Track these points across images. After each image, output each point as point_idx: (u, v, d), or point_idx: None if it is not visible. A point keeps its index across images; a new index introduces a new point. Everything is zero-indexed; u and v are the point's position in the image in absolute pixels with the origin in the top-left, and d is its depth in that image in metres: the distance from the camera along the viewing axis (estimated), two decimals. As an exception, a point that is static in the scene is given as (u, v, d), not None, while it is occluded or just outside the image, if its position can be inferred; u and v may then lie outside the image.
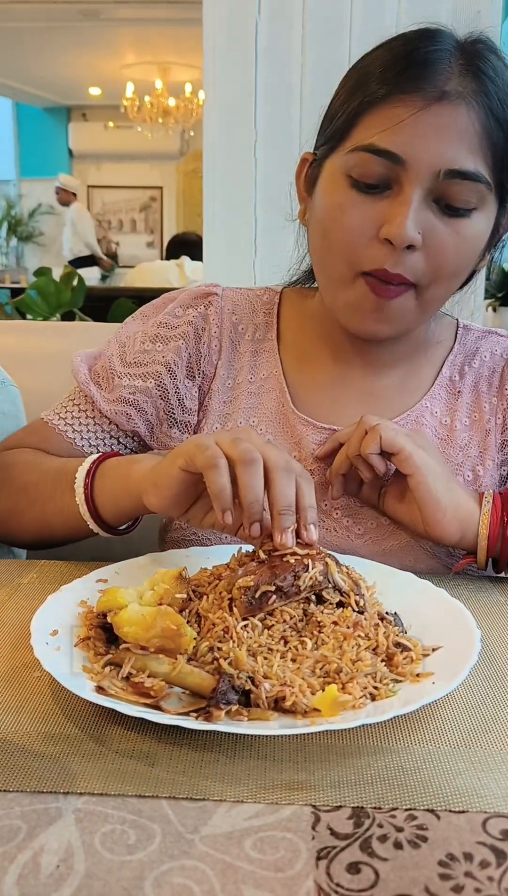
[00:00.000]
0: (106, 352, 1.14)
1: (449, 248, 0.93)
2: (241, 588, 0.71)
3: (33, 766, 0.60)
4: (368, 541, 1.03)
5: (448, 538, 0.95)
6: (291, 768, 0.61)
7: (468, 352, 1.13)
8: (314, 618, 0.74)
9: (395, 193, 0.92)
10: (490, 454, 1.08)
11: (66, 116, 11.43)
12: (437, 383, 1.10)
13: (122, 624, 0.71)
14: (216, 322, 1.11)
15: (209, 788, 0.58)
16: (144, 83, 8.64)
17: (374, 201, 0.92)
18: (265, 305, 1.15)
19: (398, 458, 0.94)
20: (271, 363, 1.11)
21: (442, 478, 0.95)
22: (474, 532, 0.95)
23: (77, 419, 1.11)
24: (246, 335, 1.12)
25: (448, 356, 1.12)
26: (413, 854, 0.52)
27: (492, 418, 1.09)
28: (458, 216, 0.92)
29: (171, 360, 1.09)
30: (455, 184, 0.90)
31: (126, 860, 0.51)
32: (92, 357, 1.14)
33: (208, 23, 2.05)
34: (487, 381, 1.11)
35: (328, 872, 0.50)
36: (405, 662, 0.72)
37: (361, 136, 0.92)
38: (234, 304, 1.14)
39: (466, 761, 0.62)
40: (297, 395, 1.09)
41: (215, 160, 2.10)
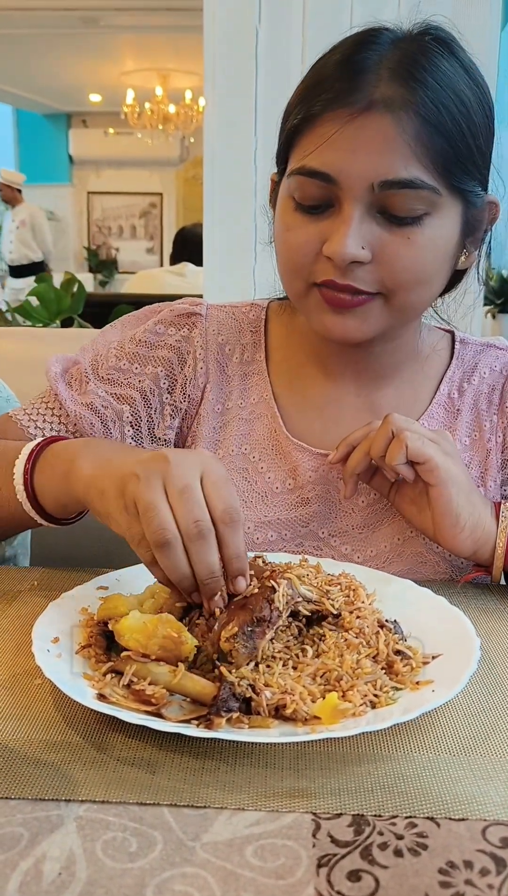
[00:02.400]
0: (81, 358, 1.10)
1: (404, 257, 0.90)
2: (229, 639, 0.69)
3: (35, 773, 0.60)
4: (370, 567, 1.02)
5: (461, 552, 0.94)
6: (291, 776, 0.61)
7: (466, 367, 1.10)
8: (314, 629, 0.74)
9: (336, 211, 0.90)
10: (491, 474, 1.06)
11: (66, 123, 11.46)
12: (435, 401, 1.07)
13: (123, 632, 0.71)
14: (201, 344, 1.08)
15: (210, 796, 0.58)
16: (145, 90, 8.66)
17: (317, 220, 0.91)
18: (252, 324, 1.11)
19: (424, 468, 0.91)
20: (261, 386, 1.08)
21: (465, 490, 0.93)
22: (488, 548, 0.94)
23: (42, 416, 1.06)
24: (234, 357, 1.09)
25: (445, 372, 1.09)
26: (414, 862, 0.52)
27: (493, 437, 1.07)
28: (407, 224, 0.89)
29: (147, 388, 1.06)
30: (394, 194, 0.87)
31: (128, 867, 0.51)
32: (69, 360, 1.10)
33: (209, 30, 2.06)
34: (487, 398, 1.08)
35: (328, 880, 0.50)
36: (405, 670, 0.72)
37: (297, 158, 0.91)
38: (219, 325, 1.10)
39: (466, 769, 0.62)
40: (289, 416, 1.06)
41: (215, 167, 2.11)
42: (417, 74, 0.87)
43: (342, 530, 1.04)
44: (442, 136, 0.87)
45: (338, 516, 1.04)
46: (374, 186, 0.87)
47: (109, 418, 1.06)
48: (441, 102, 0.87)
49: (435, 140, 0.87)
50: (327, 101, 0.88)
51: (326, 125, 0.88)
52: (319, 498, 1.04)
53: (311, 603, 0.75)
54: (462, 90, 0.89)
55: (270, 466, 1.05)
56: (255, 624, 0.70)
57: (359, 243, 0.89)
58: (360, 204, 0.88)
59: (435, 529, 0.93)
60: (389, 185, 0.87)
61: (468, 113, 0.89)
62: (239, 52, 2.05)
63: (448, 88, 0.88)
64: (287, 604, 0.73)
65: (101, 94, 10.08)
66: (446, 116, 0.87)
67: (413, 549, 1.03)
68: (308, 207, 0.91)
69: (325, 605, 0.75)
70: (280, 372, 1.09)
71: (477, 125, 0.90)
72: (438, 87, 0.87)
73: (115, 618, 0.74)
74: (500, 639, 0.84)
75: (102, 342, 1.11)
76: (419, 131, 0.86)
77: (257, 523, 1.04)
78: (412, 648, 0.75)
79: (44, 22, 6.89)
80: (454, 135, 0.88)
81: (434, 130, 0.87)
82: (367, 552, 1.03)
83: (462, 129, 0.88)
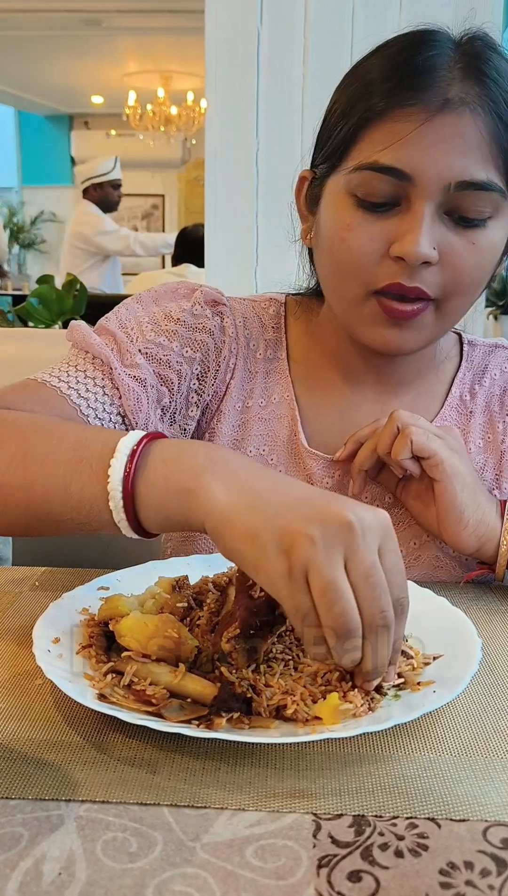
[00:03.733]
0: (109, 325, 1.00)
1: (467, 260, 0.89)
2: (230, 641, 0.68)
3: (35, 773, 0.60)
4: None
5: (465, 549, 0.94)
6: (292, 776, 0.61)
7: (476, 369, 1.09)
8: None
9: (404, 210, 0.88)
10: (506, 476, 1.05)
11: (68, 124, 11.45)
12: (447, 404, 1.07)
13: (123, 632, 0.71)
14: (234, 336, 1.04)
15: (211, 796, 0.58)
16: (146, 91, 8.66)
17: (382, 219, 0.89)
18: (273, 319, 1.08)
19: (429, 462, 0.91)
20: (283, 386, 1.05)
21: (470, 487, 0.93)
22: (492, 545, 0.93)
23: (84, 385, 0.94)
24: (257, 353, 1.06)
25: (456, 374, 1.09)
26: (414, 862, 0.52)
27: (506, 439, 1.06)
28: (473, 227, 0.88)
29: (184, 371, 1.00)
30: (468, 195, 0.86)
31: (128, 868, 0.51)
32: (96, 328, 1.00)
33: (210, 32, 2.06)
34: (499, 400, 1.08)
35: (329, 880, 0.50)
36: (405, 669, 0.72)
37: (363, 153, 0.88)
38: (244, 318, 1.07)
39: (467, 770, 0.62)
40: (307, 420, 1.04)
41: (216, 168, 2.11)
42: (490, 73, 0.87)
43: None
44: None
45: None
46: (450, 186, 0.86)
47: (152, 398, 0.97)
48: (506, 100, 0.87)
49: (505, 140, 0.87)
50: (396, 97, 0.86)
51: (399, 122, 0.86)
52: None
53: None
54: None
55: (287, 471, 1.03)
56: (258, 627, 0.69)
57: (431, 244, 0.87)
58: (433, 204, 0.87)
59: (439, 525, 0.93)
60: (465, 185, 0.86)
61: None
62: (241, 54, 2.05)
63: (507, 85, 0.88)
64: None
65: (103, 96, 10.08)
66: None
67: (430, 554, 1.03)
68: (373, 205, 0.89)
69: None
70: (300, 372, 1.07)
71: None
72: (504, 85, 0.87)
73: (116, 618, 0.74)
74: (502, 640, 0.84)
75: (126, 315, 1.01)
76: (492, 130, 0.86)
77: None
78: (414, 649, 0.75)
79: (46, 24, 6.89)
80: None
81: (505, 129, 0.86)
82: None
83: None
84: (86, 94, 10.06)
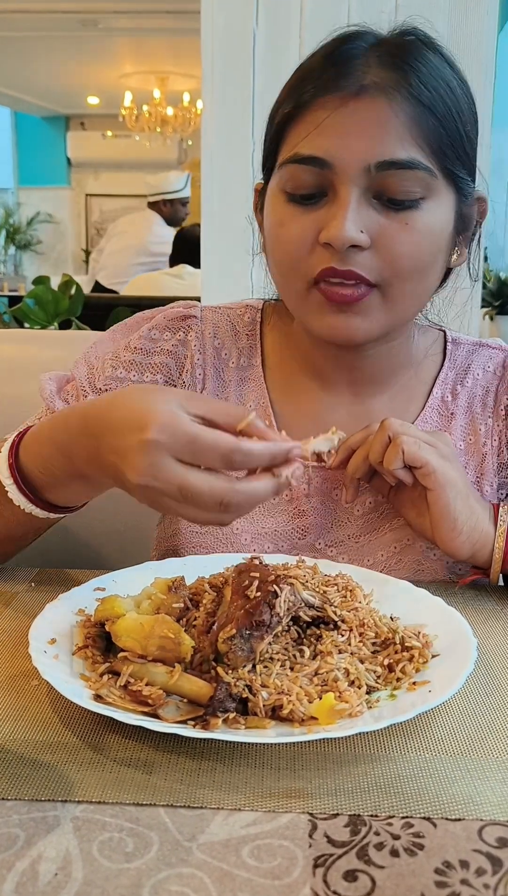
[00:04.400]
0: (76, 373, 1.07)
1: (403, 242, 0.89)
2: (226, 641, 0.69)
3: (31, 774, 0.60)
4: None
5: (459, 556, 0.94)
6: (288, 776, 0.61)
7: (459, 368, 1.08)
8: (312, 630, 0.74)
9: (331, 198, 0.89)
10: (487, 479, 1.04)
11: (64, 125, 11.45)
12: (429, 405, 1.06)
13: (120, 633, 0.71)
14: (199, 349, 1.06)
15: (207, 796, 0.58)
16: (143, 92, 8.66)
17: (312, 211, 0.90)
18: (247, 326, 1.09)
19: (422, 472, 0.91)
20: (258, 392, 1.06)
21: (462, 494, 0.92)
22: (486, 551, 0.93)
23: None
24: (230, 361, 1.07)
25: (438, 374, 1.07)
26: (410, 862, 0.52)
27: (488, 441, 1.05)
28: (405, 209, 0.88)
29: None
30: (391, 175, 0.87)
31: (124, 868, 0.51)
32: (62, 378, 1.08)
33: (207, 33, 2.06)
34: (481, 401, 1.07)
35: (324, 880, 0.50)
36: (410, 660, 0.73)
37: (288, 148, 0.91)
38: (215, 328, 1.08)
39: (462, 769, 0.62)
40: (284, 424, 1.04)
41: (212, 169, 2.11)
42: (406, 59, 0.88)
43: (339, 540, 1.03)
44: (435, 118, 0.88)
45: (334, 527, 1.03)
46: (371, 168, 0.86)
47: None
48: (432, 85, 0.88)
49: (429, 121, 0.87)
50: (315, 89, 0.89)
51: (317, 112, 0.88)
52: (314, 510, 1.03)
53: (313, 609, 0.75)
54: (449, 79, 0.90)
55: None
56: (254, 628, 0.69)
57: (357, 227, 0.87)
58: (356, 187, 0.87)
59: (433, 532, 0.93)
60: (386, 165, 0.86)
61: (455, 99, 0.90)
62: (237, 56, 2.05)
63: (436, 74, 0.89)
64: (289, 609, 0.72)
65: (99, 97, 10.08)
66: (436, 98, 0.88)
67: (411, 558, 1.03)
68: (301, 197, 0.90)
69: (327, 611, 0.75)
70: (276, 377, 1.07)
71: (465, 112, 0.91)
72: (427, 72, 0.88)
73: (112, 619, 0.74)
74: (498, 640, 0.84)
75: (94, 354, 1.08)
76: (412, 111, 0.87)
77: (254, 535, 1.03)
78: (423, 637, 0.76)
79: (42, 24, 6.89)
80: (446, 117, 0.88)
81: (428, 111, 0.87)
82: (364, 562, 1.01)
83: (453, 113, 0.89)
84: (82, 95, 10.06)
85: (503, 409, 1.06)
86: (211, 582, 0.82)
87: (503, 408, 1.06)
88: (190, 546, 1.04)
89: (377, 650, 0.75)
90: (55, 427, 0.83)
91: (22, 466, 0.86)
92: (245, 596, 0.72)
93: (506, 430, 1.05)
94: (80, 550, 1.10)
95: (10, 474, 0.86)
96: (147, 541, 1.14)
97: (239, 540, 1.02)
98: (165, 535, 1.10)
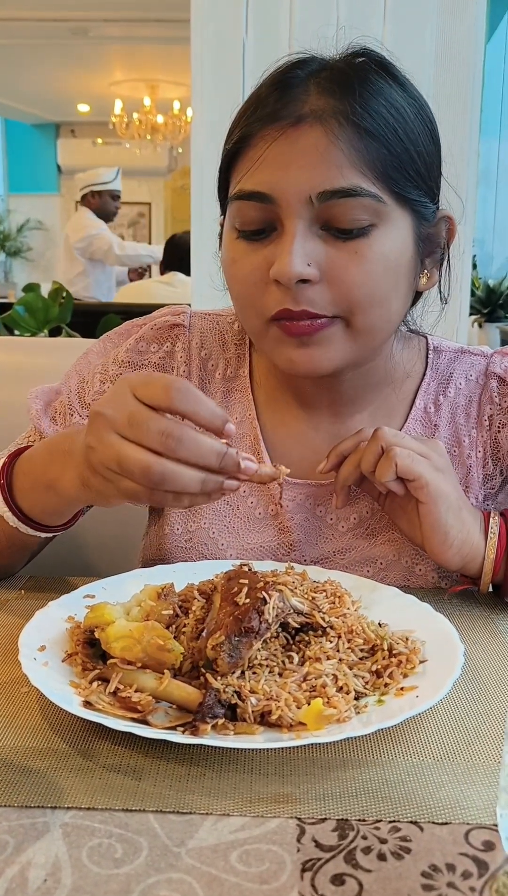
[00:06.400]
0: (66, 387, 1.07)
1: (354, 272, 0.86)
2: (215, 647, 0.69)
3: (21, 781, 0.60)
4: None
5: (449, 567, 0.93)
6: (276, 781, 0.61)
7: (441, 378, 1.05)
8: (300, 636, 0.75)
9: (279, 233, 0.87)
10: (472, 491, 1.03)
11: (54, 132, 11.47)
12: (411, 416, 1.03)
13: (109, 639, 0.71)
14: (184, 360, 1.06)
15: (196, 802, 0.58)
16: (133, 100, 8.68)
17: (262, 247, 0.88)
18: (236, 336, 1.08)
19: (414, 485, 0.89)
20: (245, 404, 1.05)
21: (454, 507, 0.91)
22: (477, 563, 0.93)
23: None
24: (216, 373, 1.06)
25: (420, 384, 1.05)
26: (397, 865, 0.52)
27: (472, 453, 1.03)
28: (354, 237, 0.85)
29: None
30: (335, 204, 0.84)
31: (113, 874, 0.51)
32: (52, 392, 1.08)
33: (196, 41, 2.07)
34: (464, 411, 1.04)
35: (312, 884, 0.51)
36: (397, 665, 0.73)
37: (234, 184, 0.89)
38: (202, 337, 1.07)
39: (449, 774, 0.62)
40: (269, 439, 1.04)
41: (202, 177, 2.12)
42: (346, 85, 0.86)
43: (324, 556, 1.03)
44: (378, 141, 0.85)
45: (319, 543, 1.03)
46: (313, 199, 0.84)
47: None
48: (373, 109, 0.85)
49: (371, 145, 0.85)
50: (257, 120, 0.87)
51: (258, 146, 0.86)
52: (298, 526, 1.02)
53: (301, 616, 0.75)
54: (397, 100, 0.87)
55: (251, 490, 1.03)
56: (243, 634, 0.70)
57: (304, 261, 0.85)
58: (301, 220, 0.85)
59: (424, 543, 0.92)
60: (328, 195, 0.84)
61: (404, 120, 0.87)
62: (226, 64, 2.06)
63: (379, 96, 0.86)
64: (277, 616, 0.73)
65: (89, 105, 10.10)
66: (380, 122, 0.85)
67: (397, 573, 1.02)
68: (251, 234, 0.89)
69: (316, 617, 0.75)
70: (261, 394, 1.06)
71: (417, 133, 0.88)
72: (368, 95, 0.86)
73: (101, 626, 0.74)
74: (484, 645, 0.85)
75: (85, 365, 1.09)
76: (352, 138, 0.84)
77: (240, 550, 1.03)
78: (411, 643, 0.76)
79: (33, 32, 6.90)
80: (390, 139, 0.86)
81: (369, 136, 0.85)
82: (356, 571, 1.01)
83: (399, 135, 0.86)
84: (72, 103, 10.08)
85: (486, 420, 1.04)
86: (200, 588, 0.82)
87: (486, 418, 1.04)
88: (174, 561, 1.04)
89: (365, 656, 0.75)
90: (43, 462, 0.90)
91: (14, 488, 0.92)
92: (234, 602, 0.72)
93: (490, 440, 1.03)
94: (69, 558, 1.10)
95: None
96: (136, 551, 1.14)
97: (224, 555, 1.02)
98: (150, 549, 1.09)
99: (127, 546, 1.16)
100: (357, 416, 1.04)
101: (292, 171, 0.85)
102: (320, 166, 0.84)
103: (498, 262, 6.51)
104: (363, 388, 1.02)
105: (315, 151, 0.84)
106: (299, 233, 0.85)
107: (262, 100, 0.88)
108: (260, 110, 0.87)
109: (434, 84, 1.98)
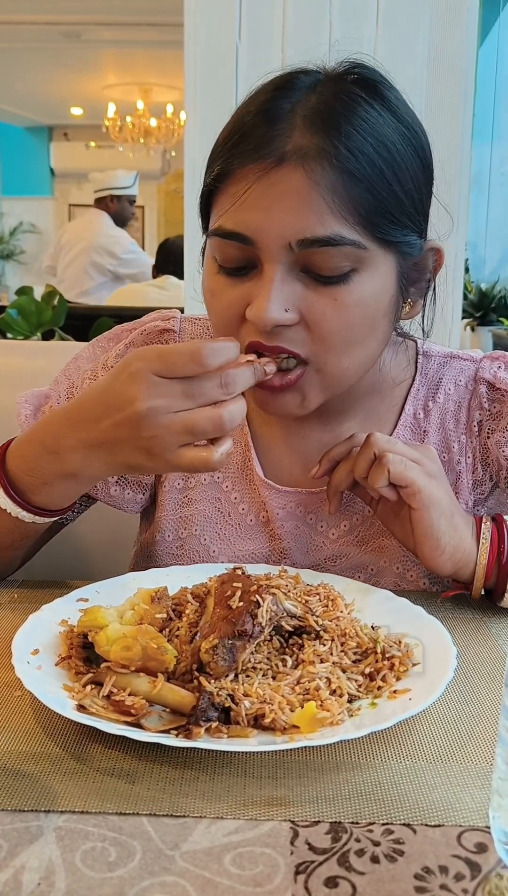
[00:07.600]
0: (55, 391, 1.07)
1: (331, 319, 0.84)
2: (208, 651, 0.69)
3: (14, 784, 0.60)
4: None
5: (441, 573, 0.93)
6: (270, 784, 0.61)
7: (430, 383, 1.04)
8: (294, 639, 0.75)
9: (259, 272, 0.85)
10: (462, 497, 1.03)
11: (47, 136, 11.46)
12: (401, 422, 1.03)
13: (102, 643, 0.72)
14: None
15: (189, 805, 0.59)
16: (126, 103, 8.69)
17: (240, 283, 0.86)
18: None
19: (407, 491, 0.89)
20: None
21: (447, 514, 0.90)
22: (469, 569, 0.92)
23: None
24: None
25: (409, 390, 1.04)
26: (390, 868, 0.53)
27: (462, 459, 1.03)
28: (333, 283, 0.83)
29: None
30: (316, 252, 0.82)
31: (107, 877, 0.51)
32: (41, 396, 1.07)
33: (189, 45, 2.07)
34: (454, 416, 1.03)
35: (306, 887, 0.51)
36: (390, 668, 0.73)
37: (215, 217, 0.87)
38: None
39: (442, 776, 0.63)
40: (260, 446, 1.04)
41: (195, 180, 2.11)
42: (332, 121, 0.82)
43: (315, 563, 1.03)
44: (363, 187, 0.82)
45: (310, 550, 1.03)
46: (292, 246, 0.82)
47: None
48: (360, 150, 0.81)
49: (354, 191, 0.81)
50: (241, 154, 0.84)
51: (239, 183, 0.83)
52: (289, 534, 1.03)
53: (295, 619, 0.75)
54: (386, 134, 0.84)
55: (242, 497, 1.03)
56: (236, 637, 0.70)
57: (282, 306, 0.83)
58: (280, 265, 0.83)
59: (416, 549, 0.92)
60: (308, 243, 0.81)
61: (392, 158, 0.84)
62: (219, 68, 2.07)
63: (367, 134, 0.82)
64: (271, 619, 0.73)
65: (82, 108, 10.10)
66: (366, 164, 0.82)
67: (388, 580, 1.03)
68: (231, 269, 0.87)
69: (309, 620, 0.76)
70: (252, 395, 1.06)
71: (406, 170, 0.85)
72: (356, 134, 0.82)
73: (95, 629, 0.74)
74: (477, 649, 0.85)
75: (74, 369, 1.08)
76: (335, 183, 0.81)
77: (232, 558, 1.03)
78: (405, 647, 0.76)
79: (26, 36, 6.90)
80: (376, 183, 0.82)
81: (353, 180, 0.81)
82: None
83: (387, 177, 0.83)
84: (65, 106, 10.08)
85: (475, 425, 1.03)
86: (194, 592, 0.82)
87: (475, 423, 1.03)
88: (166, 567, 1.04)
89: (358, 659, 0.75)
90: (40, 430, 0.87)
91: (8, 471, 0.88)
92: (228, 606, 0.73)
93: (479, 446, 1.03)
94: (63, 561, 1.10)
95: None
96: (129, 555, 1.14)
97: (216, 563, 1.02)
98: (141, 557, 1.10)
99: (120, 550, 1.16)
100: (347, 424, 1.03)
101: (272, 214, 0.82)
102: (300, 212, 0.81)
103: (490, 266, 6.53)
104: (353, 399, 1.01)
105: (297, 196, 0.81)
106: (278, 277, 0.83)
107: (246, 132, 0.84)
108: (243, 144, 0.84)
109: (427, 90, 1.99)
